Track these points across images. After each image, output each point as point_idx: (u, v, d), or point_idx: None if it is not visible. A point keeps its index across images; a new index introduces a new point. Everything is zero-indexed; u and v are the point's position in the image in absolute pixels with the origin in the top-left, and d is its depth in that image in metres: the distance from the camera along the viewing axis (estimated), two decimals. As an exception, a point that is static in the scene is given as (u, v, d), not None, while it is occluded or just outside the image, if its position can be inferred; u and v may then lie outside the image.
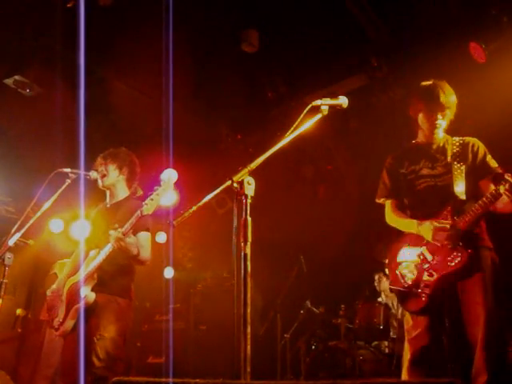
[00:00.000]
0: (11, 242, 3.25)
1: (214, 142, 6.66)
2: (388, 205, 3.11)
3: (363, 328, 4.99)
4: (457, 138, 3.02)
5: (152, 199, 3.10)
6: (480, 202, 2.68)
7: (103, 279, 3.29)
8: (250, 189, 2.01)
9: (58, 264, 5.24)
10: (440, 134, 3.04)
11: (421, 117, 3.03)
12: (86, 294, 3.21)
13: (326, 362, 4.89)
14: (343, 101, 2.42)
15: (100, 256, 3.23)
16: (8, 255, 3.25)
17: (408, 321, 2.87)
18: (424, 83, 3.06)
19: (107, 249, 3.19)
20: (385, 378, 4.29)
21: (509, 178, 2.57)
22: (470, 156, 2.92)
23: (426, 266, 2.74)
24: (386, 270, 3.03)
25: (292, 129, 2.24)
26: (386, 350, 4.82)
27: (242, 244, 1.94)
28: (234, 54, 5.14)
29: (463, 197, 2.80)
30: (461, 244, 2.68)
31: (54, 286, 3.48)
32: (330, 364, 4.85)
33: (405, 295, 2.83)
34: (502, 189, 2.57)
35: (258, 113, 6.22)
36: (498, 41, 4.47)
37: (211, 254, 7.13)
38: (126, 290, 3.39)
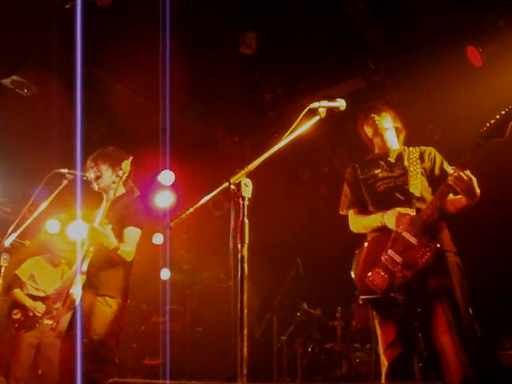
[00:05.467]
0: (7, 243, 3.25)
1: (212, 143, 6.65)
2: (351, 214, 3.13)
3: (360, 330, 4.99)
4: (413, 148, 3.09)
5: (113, 182, 3.09)
6: (436, 193, 2.71)
7: (93, 279, 3.24)
8: (247, 191, 2.01)
9: (34, 260, 5.24)
10: (394, 145, 3.12)
11: (365, 128, 3.19)
12: (73, 291, 3.17)
13: (322, 364, 4.89)
14: (341, 103, 2.42)
15: (83, 257, 3.16)
16: (4, 256, 3.25)
17: (378, 331, 2.83)
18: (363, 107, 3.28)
19: (89, 247, 3.14)
20: (381, 381, 4.29)
21: (455, 170, 2.61)
22: (427, 161, 2.98)
23: (397, 267, 2.67)
24: (355, 282, 2.95)
25: (289, 131, 2.25)
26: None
27: (239, 246, 1.93)
28: (232, 56, 5.14)
29: (426, 194, 2.84)
30: (427, 238, 2.66)
31: (58, 285, 3.45)
32: (326, 366, 4.85)
33: (380, 303, 2.75)
34: (450, 179, 2.61)
35: (256, 115, 6.22)
36: (495, 45, 4.49)
37: (208, 255, 7.13)
38: (116, 290, 3.31)
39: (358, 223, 3.05)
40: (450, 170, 2.89)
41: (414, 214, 2.73)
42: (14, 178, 6.14)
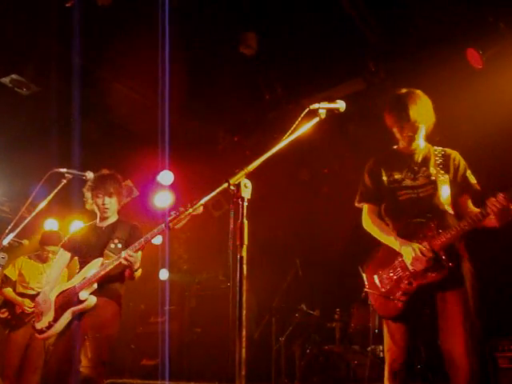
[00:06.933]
0: (5, 242, 3.24)
1: (211, 143, 6.65)
2: (365, 209, 3.04)
3: (358, 332, 4.98)
4: (438, 148, 2.99)
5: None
6: (465, 221, 2.63)
7: (102, 284, 3.39)
8: (246, 191, 2.00)
9: (21, 259, 5.23)
10: (421, 144, 2.99)
11: (394, 130, 2.98)
12: (87, 297, 3.30)
13: (320, 366, 4.87)
14: (340, 105, 2.41)
15: (104, 268, 3.31)
16: (2, 255, 3.24)
17: (385, 331, 2.83)
18: (396, 93, 2.97)
19: (114, 262, 3.28)
20: (379, 383, 4.28)
21: (492, 204, 2.52)
22: (452, 169, 2.90)
23: (406, 273, 2.70)
24: (363, 276, 2.96)
25: (289, 132, 2.24)
26: (381, 355, 4.81)
27: (238, 247, 1.93)
28: (232, 56, 5.14)
29: (448, 207, 2.78)
30: (443, 258, 2.64)
31: (44, 291, 3.54)
32: (324, 368, 4.83)
33: (381, 300, 2.79)
34: (489, 210, 2.54)
35: (256, 115, 6.22)
36: (495, 47, 4.49)
37: (207, 256, 7.12)
38: (117, 295, 3.49)
39: (374, 231, 2.95)
40: (472, 179, 2.87)
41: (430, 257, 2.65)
42: (12, 177, 6.13)
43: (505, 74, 4.64)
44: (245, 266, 1.90)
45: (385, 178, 2.96)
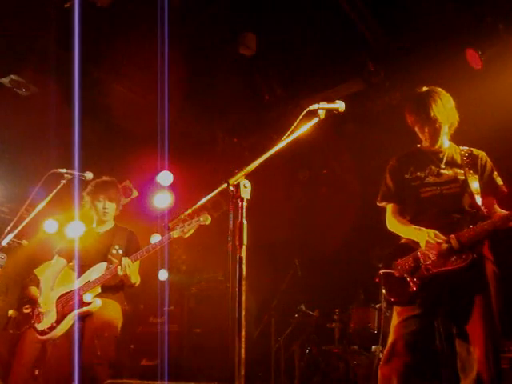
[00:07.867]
0: (4, 243, 3.24)
1: (210, 144, 6.65)
2: (389, 209, 3.01)
3: (357, 332, 4.99)
4: (465, 148, 2.94)
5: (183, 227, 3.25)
6: (493, 220, 2.63)
7: (105, 287, 3.46)
8: (245, 192, 2.00)
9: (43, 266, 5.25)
10: (446, 143, 2.94)
11: (416, 129, 2.95)
12: (92, 300, 3.35)
13: (319, 366, 4.88)
14: (340, 105, 2.41)
15: (110, 272, 3.38)
16: (1, 256, 3.24)
17: (393, 320, 2.77)
18: (416, 92, 2.93)
19: (113, 269, 3.36)
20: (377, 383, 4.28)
21: None
22: (479, 169, 2.85)
23: (426, 260, 2.68)
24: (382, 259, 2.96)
25: (288, 132, 2.24)
26: (380, 355, 4.81)
27: (237, 247, 1.93)
28: (231, 57, 5.14)
29: (477, 207, 2.73)
30: (467, 248, 2.63)
31: (44, 294, 3.56)
32: (323, 368, 4.84)
33: (394, 282, 2.76)
34: None
35: (255, 116, 6.22)
36: (494, 47, 4.49)
37: (206, 256, 7.11)
38: (121, 299, 3.58)
39: (396, 227, 2.93)
40: (499, 181, 2.84)
41: (445, 246, 2.64)
42: (11, 178, 6.12)
43: (504, 74, 4.64)
44: (244, 267, 1.90)
45: (407, 176, 2.92)
